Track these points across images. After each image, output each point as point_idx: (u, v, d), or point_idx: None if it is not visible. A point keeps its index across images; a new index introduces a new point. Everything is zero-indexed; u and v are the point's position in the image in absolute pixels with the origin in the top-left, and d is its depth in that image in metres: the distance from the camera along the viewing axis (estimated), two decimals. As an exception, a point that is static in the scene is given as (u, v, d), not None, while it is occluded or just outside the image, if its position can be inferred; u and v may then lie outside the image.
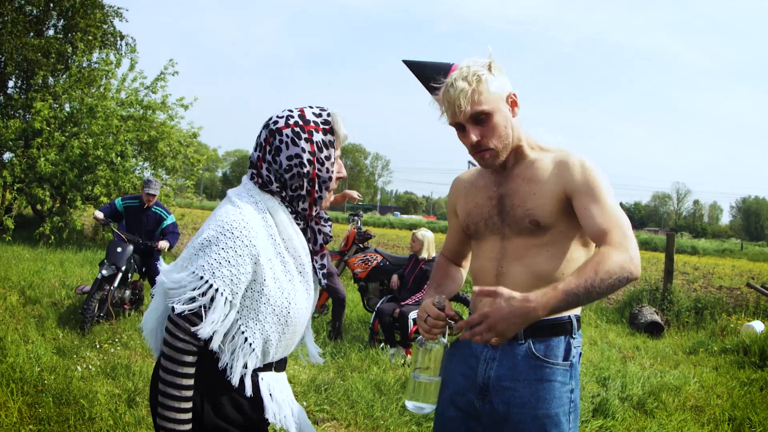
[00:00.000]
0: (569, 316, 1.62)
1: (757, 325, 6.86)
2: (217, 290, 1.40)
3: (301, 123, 1.50)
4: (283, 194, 1.53)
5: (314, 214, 1.58)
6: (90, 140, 11.17)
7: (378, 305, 5.64)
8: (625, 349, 6.40)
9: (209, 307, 1.41)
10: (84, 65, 12.45)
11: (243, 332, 1.48)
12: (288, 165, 1.49)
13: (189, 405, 1.42)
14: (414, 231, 5.95)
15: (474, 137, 1.58)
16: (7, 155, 12.89)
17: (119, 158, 11.46)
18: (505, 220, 1.65)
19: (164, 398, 1.41)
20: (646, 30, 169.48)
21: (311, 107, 1.55)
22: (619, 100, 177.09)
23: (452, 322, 1.61)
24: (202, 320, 1.41)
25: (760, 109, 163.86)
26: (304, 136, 1.49)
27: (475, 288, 1.52)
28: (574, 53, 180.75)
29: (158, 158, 12.18)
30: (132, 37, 14.84)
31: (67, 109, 12.03)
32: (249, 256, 1.43)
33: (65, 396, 3.55)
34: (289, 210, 1.55)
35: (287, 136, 1.49)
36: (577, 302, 1.39)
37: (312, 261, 1.63)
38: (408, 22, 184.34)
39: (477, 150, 1.62)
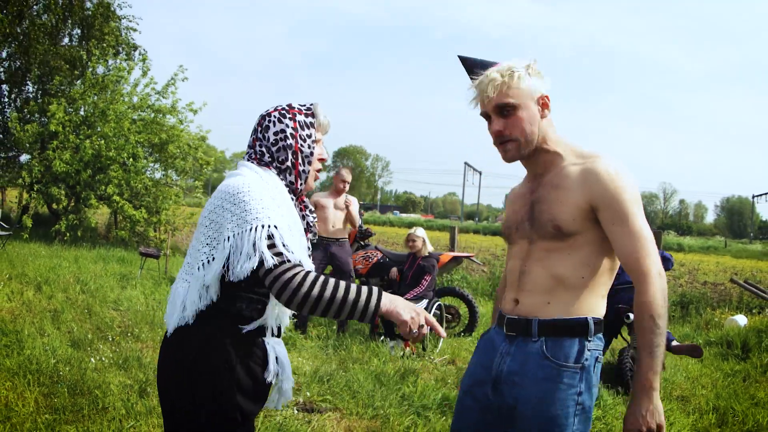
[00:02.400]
0: (585, 318, 1.56)
1: (740, 319, 6.86)
2: (276, 227, 1.46)
3: (286, 108, 1.69)
4: (274, 164, 1.65)
5: (300, 188, 1.68)
6: (102, 142, 11.17)
7: (378, 300, 5.63)
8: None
9: (280, 242, 1.44)
10: (98, 71, 12.47)
11: None
12: (275, 139, 1.65)
13: (354, 288, 1.44)
14: (409, 232, 5.94)
15: (497, 127, 1.60)
16: (24, 157, 12.92)
17: (131, 159, 11.46)
18: (533, 226, 1.63)
19: (345, 305, 1.42)
20: (639, 34, 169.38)
21: (297, 102, 1.72)
22: (610, 104, 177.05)
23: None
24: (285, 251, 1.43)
25: (745, 113, 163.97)
26: (288, 116, 1.67)
27: None
28: (568, 58, 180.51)
29: (168, 160, 12.19)
30: (144, 48, 14.85)
31: (82, 113, 12.04)
32: (270, 199, 1.52)
33: (79, 386, 3.54)
34: (283, 183, 1.65)
35: (274, 116, 1.67)
36: (660, 348, 1.46)
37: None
38: (407, 28, 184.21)
39: (500, 141, 1.62)
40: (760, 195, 58.84)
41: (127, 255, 10.13)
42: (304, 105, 1.71)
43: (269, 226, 1.45)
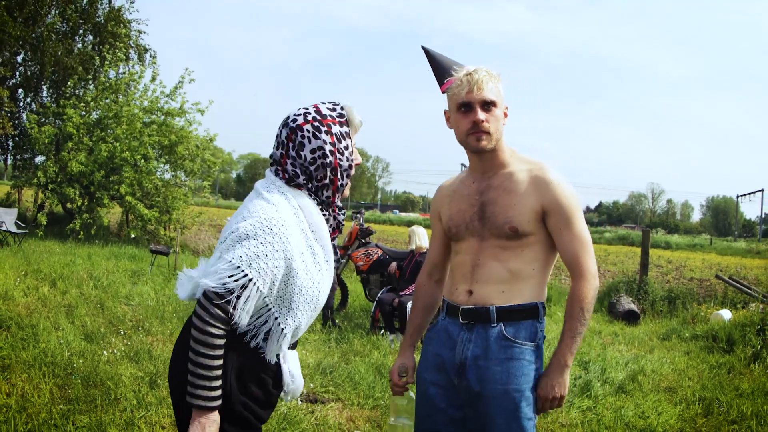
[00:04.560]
0: (536, 303, 1.68)
1: (725, 314, 6.85)
2: (251, 280, 1.36)
3: (318, 118, 1.49)
4: (309, 185, 1.50)
5: (336, 201, 1.56)
6: (117, 144, 11.17)
7: (378, 295, 5.65)
8: (604, 335, 6.39)
9: (240, 296, 1.36)
10: (111, 76, 12.47)
11: (279, 322, 1.45)
12: (312, 158, 1.47)
13: (219, 383, 1.38)
14: (412, 228, 6.12)
15: (480, 117, 1.64)
16: (40, 158, 12.92)
17: (143, 160, 11.46)
18: (485, 225, 1.70)
19: (196, 378, 1.37)
20: (628, 41, 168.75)
21: (324, 103, 1.54)
22: (602, 107, 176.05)
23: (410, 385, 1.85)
24: (232, 308, 1.35)
25: (729, 116, 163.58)
26: (323, 129, 1.47)
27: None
28: (560, 63, 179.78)
29: (178, 161, 12.18)
30: (153, 50, 14.83)
31: (95, 116, 12.04)
32: (283, 252, 1.41)
33: (92, 378, 3.54)
34: (316, 201, 1.52)
35: (308, 131, 1.47)
36: (581, 335, 1.63)
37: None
38: (407, 36, 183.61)
39: (476, 130, 1.65)
40: (744, 195, 58.72)
41: (139, 252, 10.12)
42: (334, 109, 1.51)
43: (251, 280, 1.36)
